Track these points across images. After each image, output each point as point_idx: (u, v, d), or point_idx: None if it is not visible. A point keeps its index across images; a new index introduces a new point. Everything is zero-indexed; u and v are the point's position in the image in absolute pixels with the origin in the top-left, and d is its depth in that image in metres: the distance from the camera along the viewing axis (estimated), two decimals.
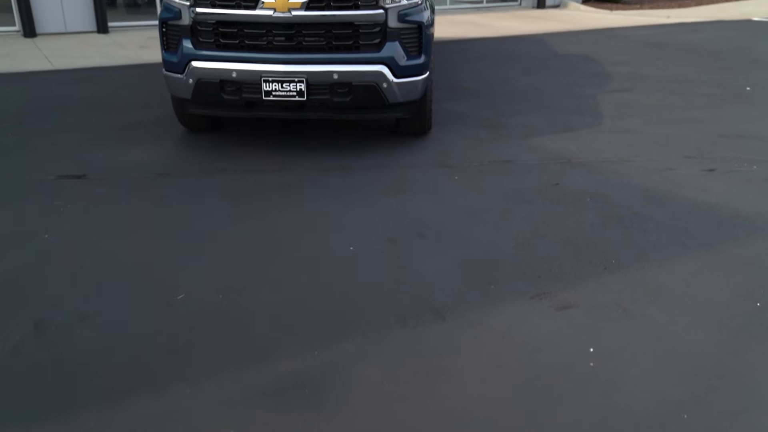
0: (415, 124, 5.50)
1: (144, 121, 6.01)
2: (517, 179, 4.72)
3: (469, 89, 7.36)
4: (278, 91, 4.83)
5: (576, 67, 8.60)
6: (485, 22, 12.71)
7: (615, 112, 6.46)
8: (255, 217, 4.07)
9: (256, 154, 5.20)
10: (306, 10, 4.72)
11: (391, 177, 4.76)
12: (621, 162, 5.06)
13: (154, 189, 4.50)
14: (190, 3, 4.85)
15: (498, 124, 6.05)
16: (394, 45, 4.88)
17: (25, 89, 7.26)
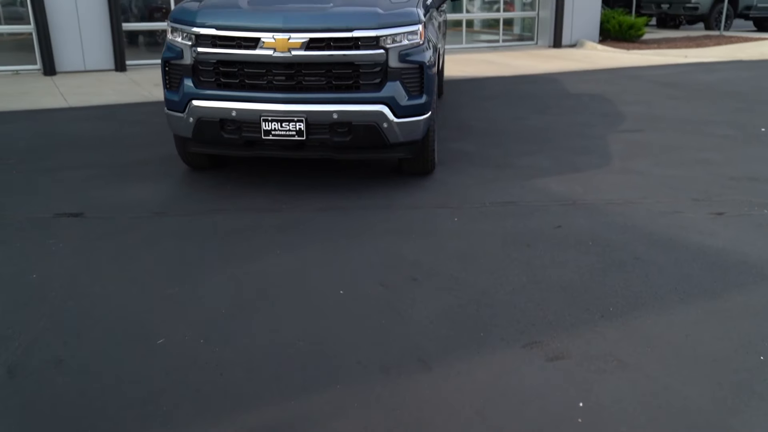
0: (417, 164, 5.44)
1: (148, 159, 6.02)
2: (519, 221, 4.62)
3: (478, 128, 7.30)
4: (278, 130, 4.81)
5: (588, 106, 8.52)
6: (501, 60, 12.71)
7: (624, 152, 6.35)
8: (245, 259, 4.00)
9: (254, 193, 5.16)
10: (306, 50, 4.71)
11: (389, 218, 4.68)
12: (627, 204, 4.94)
13: (148, 228, 4.47)
14: (192, 43, 4.87)
15: (504, 164, 5.97)
16: (394, 85, 4.84)
17: (36, 126, 7.34)
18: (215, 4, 5.06)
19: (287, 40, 4.69)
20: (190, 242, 4.25)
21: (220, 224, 4.56)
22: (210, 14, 4.88)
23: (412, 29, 4.88)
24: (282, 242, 4.25)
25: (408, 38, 4.87)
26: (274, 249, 4.14)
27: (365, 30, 4.72)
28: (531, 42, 15.41)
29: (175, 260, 3.98)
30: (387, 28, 4.77)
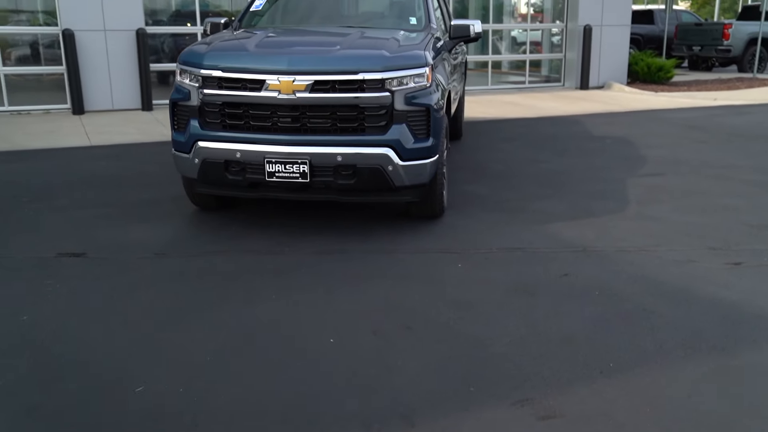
0: (425, 208, 5.34)
1: (159, 198, 6.03)
2: (524, 268, 4.48)
3: (494, 171, 7.20)
4: (281, 172, 4.77)
5: (609, 149, 8.37)
6: (526, 102, 12.64)
7: (642, 197, 6.18)
8: (238, 304, 3.92)
9: (259, 234, 5.11)
10: (310, 92, 4.68)
11: (390, 263, 4.58)
12: (639, 252, 4.77)
13: (146, 270, 4.43)
14: (199, 84, 4.89)
15: (517, 208, 5.85)
16: (400, 127, 4.78)
17: (57, 165, 7.44)
18: (223, 46, 5.09)
19: (292, 83, 4.67)
20: (186, 285, 4.20)
21: (219, 266, 4.50)
22: (216, 56, 4.90)
23: (419, 72, 4.83)
24: (278, 286, 4.17)
25: (414, 81, 4.82)
26: (269, 293, 4.06)
27: (370, 72, 4.68)
28: (558, 84, 15.34)
29: (168, 303, 3.92)
30: (393, 71, 4.73)
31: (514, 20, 15.68)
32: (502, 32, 15.47)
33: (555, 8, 15.41)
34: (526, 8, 15.64)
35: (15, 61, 11.34)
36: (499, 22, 15.20)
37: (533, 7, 16.25)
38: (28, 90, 11.40)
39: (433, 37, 5.62)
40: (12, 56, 11.32)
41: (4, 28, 11.04)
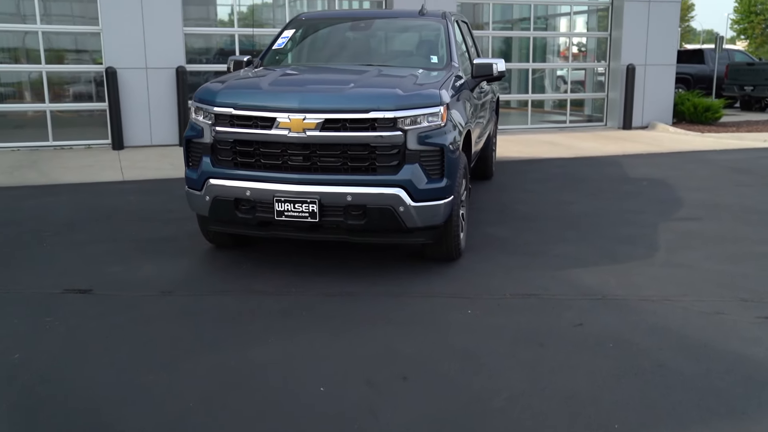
0: (440, 250, 5.18)
1: (178, 234, 6.01)
2: (537, 316, 4.27)
3: (520, 212, 7.00)
4: (290, 211, 4.69)
5: (645, 191, 8.08)
6: (565, 142, 12.41)
7: (674, 243, 5.90)
8: (235, 346, 3.81)
9: (269, 273, 5.02)
10: (321, 130, 4.61)
11: (396, 307, 4.42)
12: (662, 302, 4.51)
13: (149, 308, 4.37)
14: (212, 122, 4.87)
15: (538, 251, 5.63)
16: (413, 167, 4.66)
17: (86, 199, 7.53)
18: (236, 84, 5.08)
19: (302, 121, 4.61)
20: (186, 325, 4.12)
21: (223, 306, 4.41)
22: (229, 94, 4.88)
23: (433, 111, 4.72)
24: (278, 329, 4.05)
25: (428, 120, 4.71)
26: (267, 336, 3.95)
27: (382, 111, 4.59)
28: (600, 123, 15.05)
29: (163, 344, 3.84)
30: (405, 110, 4.63)
31: (560, 59, 15.50)
32: (545, 71, 15.29)
33: (599, 47, 15.20)
34: (569, 47, 15.45)
35: (60, 97, 11.67)
36: (542, 61, 15.05)
37: (576, 46, 16.08)
38: (72, 126, 11.69)
39: (454, 76, 5.52)
40: (58, 93, 11.65)
41: (51, 66, 11.37)
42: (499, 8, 15.31)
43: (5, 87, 11.61)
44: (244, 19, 12.44)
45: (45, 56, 11.24)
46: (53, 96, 11.50)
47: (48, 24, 11.29)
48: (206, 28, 12.59)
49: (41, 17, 11.11)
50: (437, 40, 6.12)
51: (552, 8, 15.29)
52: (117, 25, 11.12)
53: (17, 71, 11.55)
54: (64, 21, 11.80)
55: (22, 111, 11.67)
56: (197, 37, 12.25)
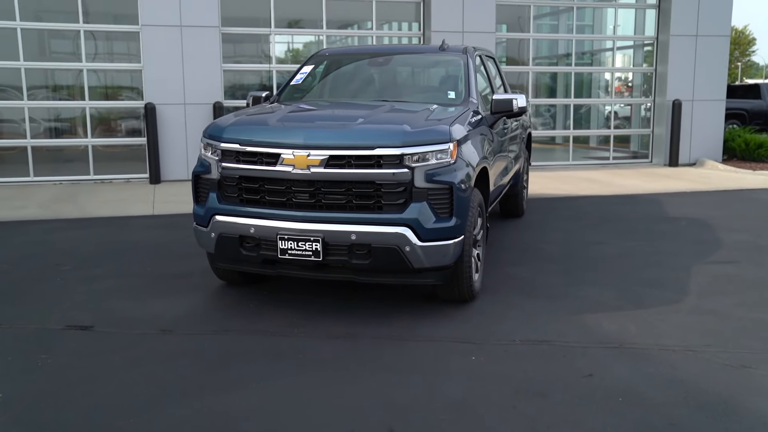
0: (451, 292, 4.99)
1: (192, 270, 5.95)
2: (545, 365, 4.02)
3: (546, 252, 6.74)
4: (294, 249, 4.57)
5: (683, 231, 7.72)
6: (605, 179, 12.06)
7: (706, 287, 5.56)
8: (220, 390, 3.68)
9: (274, 313, 4.91)
10: (325, 167, 4.51)
11: (398, 352, 4.23)
12: (684, 352, 4.21)
13: (145, 347, 4.29)
14: (219, 158, 4.82)
15: (559, 294, 5.38)
16: (420, 206, 4.51)
17: (112, 233, 7.58)
18: (243, 120, 5.04)
19: (306, 157, 4.52)
20: (177, 366, 4.01)
21: (219, 347, 4.30)
22: (236, 130, 4.84)
23: (441, 148, 4.58)
24: (269, 373, 3.91)
25: (437, 157, 4.57)
26: (256, 380, 3.81)
27: (388, 148, 4.47)
28: (645, 160, 14.62)
29: (148, 386, 3.73)
30: (412, 147, 4.50)
31: (604, 94, 15.18)
32: (590, 107, 14.98)
33: (645, 83, 14.85)
34: (613, 83, 15.12)
35: (102, 132, 11.95)
36: (587, 96, 14.77)
37: (621, 81, 15.76)
38: (113, 160, 11.94)
39: (471, 112, 5.38)
40: (100, 128, 11.94)
41: (94, 102, 11.68)
42: (546, 44, 15.16)
43: (51, 123, 11.96)
44: (292, 53, 12.61)
45: (89, 93, 11.54)
46: (95, 131, 11.78)
47: (93, 62, 11.60)
48: (244, 64, 12.76)
49: (86, 56, 11.43)
50: (456, 75, 5.99)
51: (598, 44, 15.03)
52: (157, 62, 11.36)
53: (63, 107, 11.89)
54: (108, 59, 12.13)
55: (65, 146, 11.98)
56: (235, 73, 12.44)
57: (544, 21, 15.58)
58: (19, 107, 11.39)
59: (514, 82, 13.99)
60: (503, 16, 13.98)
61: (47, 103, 11.73)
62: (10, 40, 11.16)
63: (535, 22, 15.23)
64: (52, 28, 11.71)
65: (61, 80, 12.05)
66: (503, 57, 14.48)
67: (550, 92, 14.85)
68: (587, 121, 15.18)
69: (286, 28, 12.72)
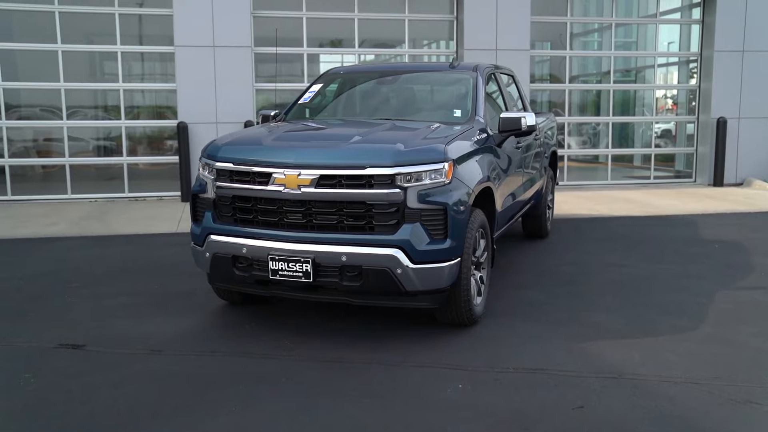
0: (449, 315, 4.83)
1: (197, 290, 5.93)
2: (534, 395, 3.83)
3: (563, 275, 6.50)
4: (285, 270, 4.50)
5: (713, 255, 7.37)
6: (642, 199, 11.68)
7: (726, 315, 5.27)
8: (194, 415, 3.62)
9: (267, 335, 4.83)
10: (316, 187, 4.43)
11: (384, 378, 4.10)
12: (687, 384, 3.96)
13: (131, 368, 4.25)
14: (214, 177, 4.80)
15: (566, 319, 5.16)
16: (412, 227, 4.39)
17: (131, 251, 7.65)
18: (239, 139, 5.01)
19: (297, 177, 4.45)
20: (157, 388, 3.96)
21: (204, 369, 4.24)
22: (230, 149, 4.82)
23: (435, 168, 4.45)
24: (246, 398, 3.82)
25: (431, 177, 4.44)
26: (231, 405, 3.72)
27: (379, 167, 4.37)
28: (689, 179, 14.13)
29: (123, 408, 3.69)
30: (405, 166, 4.39)
31: (648, 112, 14.75)
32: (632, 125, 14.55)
33: (689, 100, 14.40)
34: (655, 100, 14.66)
35: (137, 151, 12.18)
36: (628, 114, 14.41)
37: (666, 98, 15.32)
38: (147, 178, 12.15)
39: (475, 130, 5.25)
40: (135, 147, 12.18)
41: (129, 122, 11.92)
42: (592, 60, 14.85)
43: (88, 142, 12.25)
44: None
45: (125, 112, 11.80)
46: (131, 149, 12.02)
47: (129, 82, 11.87)
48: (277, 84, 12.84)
49: (123, 76, 11.69)
50: (464, 93, 5.85)
51: (643, 60, 14.60)
52: (191, 82, 11.52)
53: (100, 126, 12.18)
54: (145, 79, 12.39)
55: (102, 164, 12.24)
56: (268, 92, 12.53)
57: (590, 38, 15.29)
58: (58, 126, 11.70)
59: (556, 99, 13.74)
60: (547, 34, 13.77)
61: (85, 122, 12.01)
62: (51, 62, 11.51)
63: (581, 39, 14.97)
64: (91, 50, 12.01)
65: (99, 100, 12.35)
66: (546, 75, 14.21)
67: (590, 110, 14.52)
68: (629, 139, 14.77)
69: (319, 48, 12.77)
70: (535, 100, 14.22)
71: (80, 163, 11.95)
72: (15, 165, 11.69)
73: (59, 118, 11.66)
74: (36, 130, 12.11)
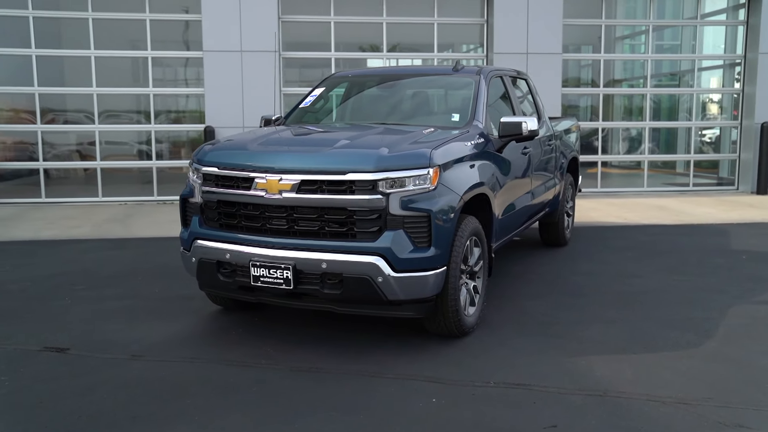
0: (437, 325, 4.69)
1: (196, 294, 5.85)
2: (508, 412, 3.66)
3: (573, 285, 6.27)
4: (266, 277, 4.42)
5: (738, 267, 7.02)
6: (677, 207, 11.26)
7: (736, 331, 4.98)
8: (155, 423, 3.57)
9: (252, 341, 4.78)
10: (297, 192, 4.35)
11: (358, 389, 3.98)
12: (675, 405, 3.73)
13: (108, 373, 4.23)
14: (201, 181, 4.77)
15: (563, 332, 4.96)
16: (394, 234, 4.26)
17: (143, 254, 7.70)
18: (226, 144, 4.96)
19: (278, 182, 4.38)
20: (127, 394, 3.92)
21: (180, 376, 4.19)
22: (217, 154, 4.78)
23: (419, 173, 4.32)
24: (214, 407, 3.75)
25: (415, 183, 4.31)
26: (197, 414, 3.66)
27: (360, 173, 4.26)
28: (731, 187, 13.59)
29: (85, 414, 3.65)
30: (387, 171, 4.26)
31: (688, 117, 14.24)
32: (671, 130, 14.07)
33: (732, 104, 13.86)
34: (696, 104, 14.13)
35: (166, 154, 12.35)
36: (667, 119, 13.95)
37: (711, 102, 14.78)
38: (176, 181, 12.27)
39: (471, 135, 5.09)
40: (164, 150, 12.35)
41: (158, 126, 12.09)
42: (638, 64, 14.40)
43: (119, 146, 12.49)
44: None
45: (154, 117, 11.98)
46: (160, 153, 12.19)
47: (159, 87, 12.04)
48: (305, 88, 12.85)
49: (153, 81, 11.87)
50: (464, 97, 5.69)
51: (685, 64, 14.08)
52: (218, 86, 11.62)
53: (130, 131, 12.40)
54: (174, 84, 12.56)
55: (131, 167, 12.44)
56: (295, 97, 12.53)
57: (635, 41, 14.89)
58: (90, 131, 11.95)
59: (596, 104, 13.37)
60: (588, 38, 13.43)
61: (116, 126, 12.24)
62: (84, 68, 11.77)
63: (622, 42, 14.59)
64: (121, 56, 12.21)
65: (130, 105, 12.56)
66: (587, 79, 13.83)
67: (625, 115, 14.12)
68: (669, 145, 14.30)
69: (346, 52, 12.72)
70: (578, 105, 13.91)
71: (111, 167, 12.17)
72: (50, 168, 12.02)
73: (92, 122, 11.90)
74: (71, 134, 12.40)
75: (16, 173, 12.24)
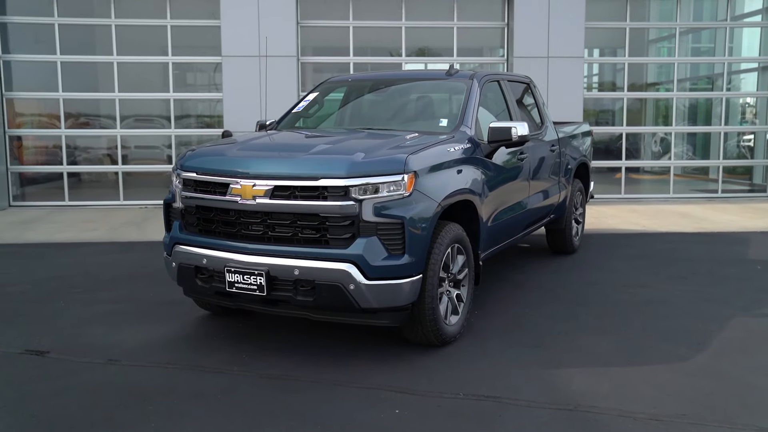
0: (414, 334, 4.60)
1: (188, 299, 5.88)
2: (470, 426, 3.56)
3: (573, 295, 6.11)
4: (240, 282, 4.40)
5: (750, 278, 6.76)
6: (700, 214, 10.94)
7: (731, 345, 4.78)
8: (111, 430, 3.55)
9: (230, 347, 4.76)
10: (270, 198, 4.32)
11: (324, 399, 3.91)
12: (647, 421, 3.58)
13: (80, 376, 4.25)
14: (181, 186, 4.77)
15: (550, 343, 4.82)
16: (367, 241, 4.19)
17: (147, 258, 7.70)
18: (204, 150, 4.94)
19: (252, 187, 4.35)
20: (92, 399, 3.93)
21: (150, 381, 4.19)
22: (196, 159, 4.77)
23: (393, 179, 4.24)
24: (175, 414, 3.73)
25: (388, 189, 4.24)
26: (156, 421, 3.64)
27: (332, 179, 4.20)
28: (762, 194, 13.15)
29: (43, 420, 3.67)
30: (359, 177, 4.20)
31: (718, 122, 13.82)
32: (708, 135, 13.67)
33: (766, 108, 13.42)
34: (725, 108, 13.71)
35: None
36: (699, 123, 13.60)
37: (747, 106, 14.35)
38: None
39: (456, 140, 5.00)
40: None
41: (178, 130, 12.24)
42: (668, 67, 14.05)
43: (140, 150, 12.67)
44: None
45: (174, 121, 12.13)
46: None
47: (179, 92, 12.18)
48: None
49: (174, 86, 12.03)
50: (453, 102, 5.60)
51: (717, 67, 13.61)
52: (237, 91, 11.69)
53: (151, 135, 12.57)
54: (193, 89, 12.71)
55: (153, 172, 12.60)
56: None
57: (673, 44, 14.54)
58: (112, 135, 12.15)
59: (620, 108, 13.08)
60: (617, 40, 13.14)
61: (137, 131, 12.42)
62: (107, 74, 11.99)
63: (656, 45, 14.25)
64: (143, 62, 12.38)
65: (150, 109, 12.73)
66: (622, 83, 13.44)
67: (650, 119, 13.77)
68: (700, 150, 13.92)
69: (365, 56, 12.69)
70: (605, 109, 13.64)
71: (132, 171, 12.35)
72: (81, 172, 12.32)
73: (113, 127, 12.10)
74: (94, 138, 12.61)
75: (48, 177, 12.49)
